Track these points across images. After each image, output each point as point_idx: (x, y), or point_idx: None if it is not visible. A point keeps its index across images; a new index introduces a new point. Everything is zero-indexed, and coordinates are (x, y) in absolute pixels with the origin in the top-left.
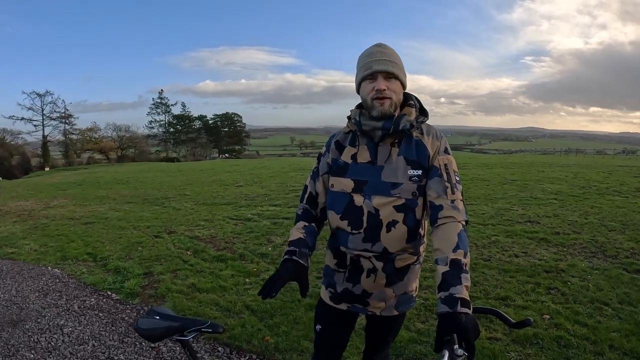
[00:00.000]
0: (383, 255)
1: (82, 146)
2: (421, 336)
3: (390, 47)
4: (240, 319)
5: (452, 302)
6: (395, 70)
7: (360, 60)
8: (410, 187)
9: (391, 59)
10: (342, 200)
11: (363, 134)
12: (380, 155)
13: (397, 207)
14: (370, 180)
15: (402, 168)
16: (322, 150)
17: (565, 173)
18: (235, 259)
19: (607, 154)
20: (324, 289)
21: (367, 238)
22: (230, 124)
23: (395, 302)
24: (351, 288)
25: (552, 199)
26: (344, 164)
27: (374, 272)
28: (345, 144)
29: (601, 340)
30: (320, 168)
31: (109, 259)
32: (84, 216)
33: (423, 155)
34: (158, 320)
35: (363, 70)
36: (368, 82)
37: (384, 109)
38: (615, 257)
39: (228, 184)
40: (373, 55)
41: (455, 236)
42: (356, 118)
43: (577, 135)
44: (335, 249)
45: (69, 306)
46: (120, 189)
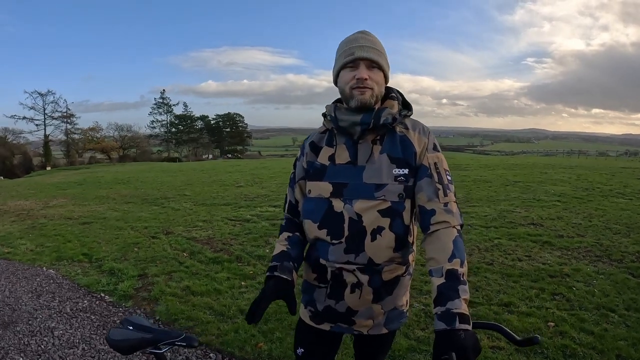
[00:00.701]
0: (368, 267)
1: (83, 146)
2: (421, 344)
3: (373, 35)
4: (234, 324)
5: (450, 319)
6: (380, 59)
7: (340, 46)
8: (396, 188)
9: (376, 47)
10: (320, 207)
11: (341, 131)
12: (361, 154)
13: (382, 211)
14: (350, 183)
15: (386, 167)
16: (297, 154)
17: (568, 175)
18: (232, 261)
19: (610, 155)
20: (303, 307)
21: (350, 248)
22: (232, 124)
23: (384, 319)
24: (334, 305)
25: (556, 201)
26: (321, 167)
27: (359, 287)
28: (321, 144)
29: (608, 350)
30: (296, 174)
31: (104, 260)
32: (82, 216)
33: (409, 152)
34: (131, 331)
35: (344, 56)
36: (348, 70)
37: (365, 98)
38: (620, 262)
39: (228, 185)
40: (356, 41)
41: (451, 243)
42: (332, 114)
43: (579, 137)
44: (314, 262)
45: (61, 308)
46: (120, 189)
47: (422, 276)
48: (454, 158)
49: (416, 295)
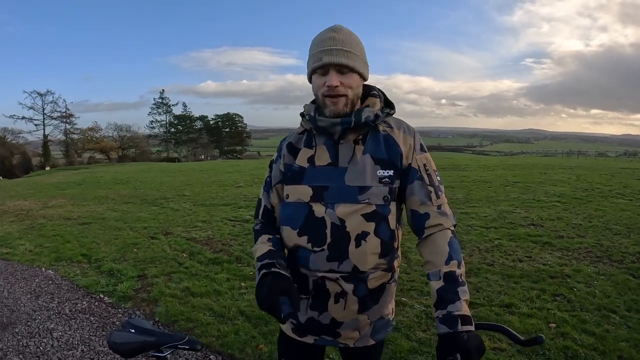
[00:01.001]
0: (353, 275)
1: (83, 146)
2: (422, 346)
3: (348, 30)
4: (234, 325)
5: (452, 322)
6: (351, 62)
7: (311, 47)
8: (380, 190)
9: (346, 48)
10: (300, 212)
11: (320, 131)
12: (342, 155)
13: (367, 215)
14: (332, 186)
15: (369, 168)
16: (274, 156)
17: (567, 175)
18: (232, 262)
19: (609, 156)
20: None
21: (333, 256)
22: (231, 124)
23: (371, 329)
24: (317, 317)
25: (555, 202)
26: (300, 169)
27: (343, 297)
28: (299, 145)
29: (610, 351)
30: (272, 177)
31: (103, 261)
32: (82, 216)
33: (394, 153)
34: (133, 334)
35: (313, 60)
36: (319, 75)
37: (337, 108)
38: (621, 262)
39: (228, 185)
40: (324, 43)
41: (446, 246)
42: (310, 114)
43: (578, 137)
44: (293, 272)
45: (60, 309)
46: (119, 189)
47: (423, 277)
48: (452, 158)
49: (417, 296)
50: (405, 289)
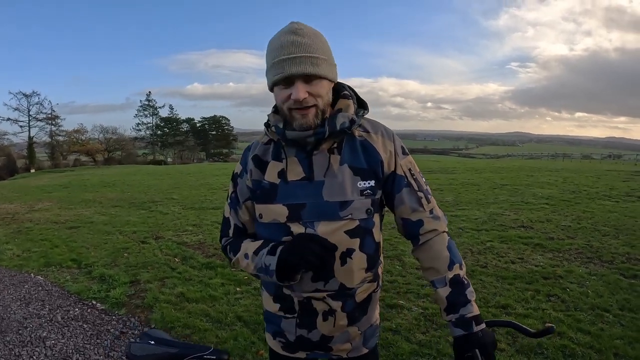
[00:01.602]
0: (340, 292)
1: (68, 148)
2: (423, 348)
3: (310, 29)
4: (232, 331)
5: (466, 324)
6: (319, 69)
7: (269, 53)
8: (362, 203)
9: (311, 52)
10: (276, 234)
11: (289, 142)
12: (317, 167)
13: (350, 231)
14: (309, 203)
15: (349, 181)
16: (238, 168)
17: (554, 177)
18: (225, 267)
19: (594, 158)
20: (271, 338)
21: (318, 276)
22: (218, 127)
23: (362, 339)
24: (306, 335)
25: (544, 204)
26: (270, 186)
27: (331, 314)
28: (267, 158)
29: (605, 349)
30: (239, 193)
31: (93, 266)
32: (69, 220)
33: (374, 161)
34: (153, 345)
35: (274, 71)
36: (282, 87)
37: (308, 121)
38: (611, 263)
39: (216, 188)
40: (284, 49)
41: (446, 250)
42: (278, 125)
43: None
44: (276, 291)
45: (52, 317)
46: (106, 192)
47: (418, 280)
48: (439, 161)
49: (414, 299)
50: (402, 292)
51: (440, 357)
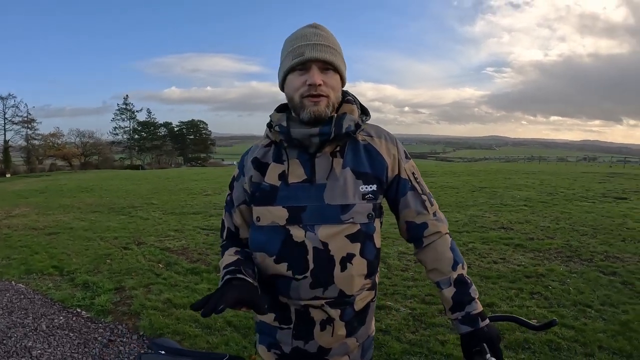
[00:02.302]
0: (339, 300)
1: (44, 152)
2: (414, 347)
3: (327, 29)
4: (223, 336)
5: (473, 321)
6: (336, 59)
7: (286, 45)
8: (364, 208)
9: (330, 44)
10: (275, 237)
11: (292, 144)
12: (320, 169)
13: (351, 236)
14: (310, 206)
15: (351, 184)
16: (235, 172)
17: (531, 180)
18: (210, 272)
19: (570, 161)
20: (266, 350)
21: (317, 283)
22: (195, 131)
23: (360, 351)
24: (303, 346)
25: (522, 206)
26: (271, 188)
27: (329, 323)
28: (267, 160)
29: (590, 342)
30: (235, 197)
31: (76, 273)
32: (48, 226)
33: (378, 166)
34: (164, 356)
35: (291, 57)
36: (297, 74)
37: (319, 109)
38: (590, 261)
39: (196, 193)
40: (306, 37)
41: (449, 251)
42: (282, 124)
43: (539, 143)
44: (272, 300)
45: (37, 325)
46: (84, 198)
47: (404, 281)
48: (418, 165)
49: (401, 299)
50: (389, 293)
51: (431, 355)
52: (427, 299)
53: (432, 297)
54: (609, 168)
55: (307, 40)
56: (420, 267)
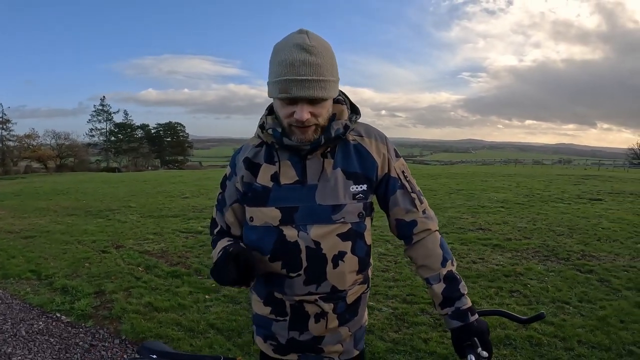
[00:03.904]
0: (332, 294)
1: (19, 154)
2: (397, 345)
3: (321, 43)
4: (207, 339)
5: (463, 316)
6: (325, 93)
7: (276, 63)
8: (355, 207)
9: (320, 75)
10: (268, 237)
11: (284, 147)
12: (311, 171)
13: (343, 235)
14: (302, 206)
15: (342, 184)
16: (227, 171)
17: (508, 182)
18: (191, 275)
19: (545, 163)
20: (262, 341)
21: (310, 279)
22: (173, 133)
23: (352, 340)
24: (298, 337)
25: (500, 207)
26: (263, 189)
27: (323, 317)
28: (258, 160)
29: (569, 337)
30: (227, 196)
31: (54, 277)
32: (24, 229)
33: (368, 166)
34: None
35: (277, 88)
36: (285, 103)
37: (306, 137)
38: (567, 260)
39: (174, 196)
40: (293, 69)
41: (438, 248)
42: (277, 129)
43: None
44: (267, 295)
45: (16, 331)
46: (60, 200)
47: (385, 282)
48: None
49: (383, 299)
50: (371, 294)
51: (415, 353)
52: (409, 299)
53: (414, 296)
54: (584, 170)
55: (295, 72)
56: (400, 267)
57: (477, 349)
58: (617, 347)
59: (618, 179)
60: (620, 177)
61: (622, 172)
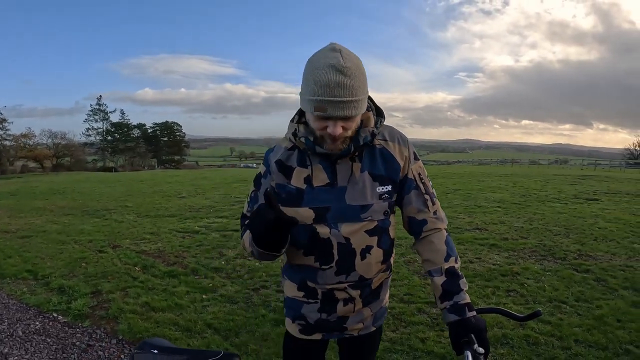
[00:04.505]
0: (359, 282)
1: (15, 153)
2: (395, 345)
3: (354, 60)
4: (204, 339)
5: (460, 310)
6: (357, 111)
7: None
8: (381, 206)
9: (354, 96)
10: (303, 234)
11: (316, 152)
12: (341, 174)
13: (370, 231)
14: (333, 207)
15: (369, 186)
16: (261, 169)
17: (504, 182)
18: (188, 274)
19: (542, 163)
20: (291, 322)
21: (341, 271)
22: (169, 133)
23: (372, 319)
24: (326, 317)
25: (496, 207)
26: (297, 191)
27: (351, 301)
28: (291, 164)
29: (566, 336)
30: (261, 193)
31: (51, 277)
32: (20, 229)
33: (392, 168)
34: (157, 355)
35: (313, 106)
36: (318, 118)
37: (337, 147)
38: (564, 259)
39: (170, 195)
40: (330, 89)
41: (443, 244)
42: (309, 138)
43: (511, 147)
44: (300, 282)
45: (12, 331)
46: (57, 200)
47: None
48: None
49: None
50: None
51: (412, 352)
52: (406, 299)
53: (411, 296)
54: (580, 170)
55: (331, 94)
56: (397, 267)
57: (473, 346)
58: (613, 346)
59: (614, 179)
60: (616, 177)
61: (619, 172)
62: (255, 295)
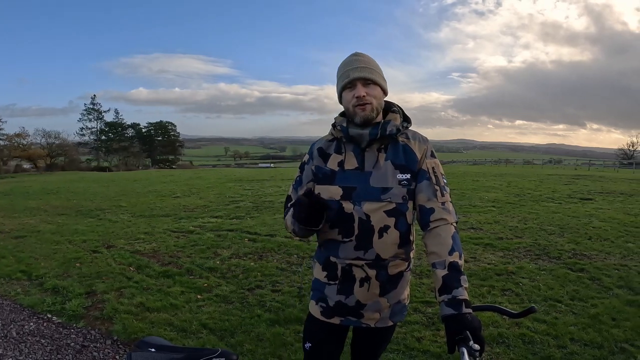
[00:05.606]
0: (376, 262)
1: (9, 153)
2: (391, 344)
3: (367, 55)
4: (199, 339)
5: (457, 305)
6: (374, 76)
7: (339, 70)
8: (400, 191)
9: (369, 66)
10: (331, 208)
11: (349, 140)
12: (368, 161)
13: (388, 211)
14: (359, 187)
15: (390, 172)
16: (305, 158)
17: (499, 182)
18: (183, 274)
19: (536, 163)
20: (314, 304)
21: (359, 245)
22: (164, 132)
23: (390, 312)
24: (344, 300)
25: (491, 207)
26: (331, 172)
27: (367, 281)
28: (329, 151)
29: (561, 335)
30: (304, 177)
31: (45, 277)
32: (14, 229)
33: (411, 160)
34: (155, 353)
35: (342, 79)
36: (348, 90)
37: (366, 114)
38: (559, 258)
39: (165, 195)
40: (350, 64)
41: (450, 239)
42: (343, 125)
43: (505, 147)
44: (324, 261)
45: (6, 332)
46: (51, 200)
47: None
48: None
49: None
50: None
51: (408, 351)
52: None
53: None
54: (574, 170)
55: (352, 65)
56: None
57: (469, 342)
58: (609, 345)
59: (608, 179)
60: (610, 177)
61: (612, 172)
62: (250, 295)
